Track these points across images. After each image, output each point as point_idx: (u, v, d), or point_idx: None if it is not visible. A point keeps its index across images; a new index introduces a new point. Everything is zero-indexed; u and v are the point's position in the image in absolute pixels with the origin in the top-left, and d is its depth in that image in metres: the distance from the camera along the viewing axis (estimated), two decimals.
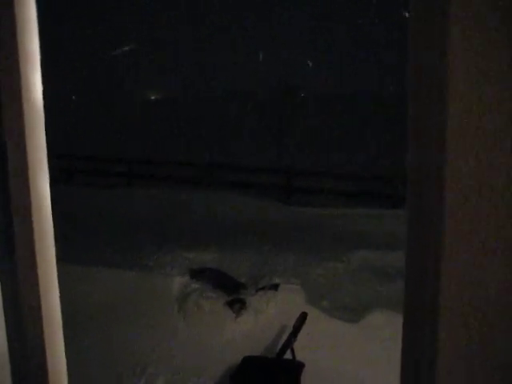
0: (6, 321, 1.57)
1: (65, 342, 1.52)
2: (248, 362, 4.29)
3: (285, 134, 20.02)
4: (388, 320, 4.95)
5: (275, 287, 5.42)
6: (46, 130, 1.39)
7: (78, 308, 5.24)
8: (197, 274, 5.63)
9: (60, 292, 1.49)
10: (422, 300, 1.00)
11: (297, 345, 4.30)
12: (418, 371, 1.04)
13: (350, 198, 11.59)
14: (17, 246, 1.43)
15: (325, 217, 9.13)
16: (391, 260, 6.79)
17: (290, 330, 4.38)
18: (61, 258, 1.52)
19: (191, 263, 6.25)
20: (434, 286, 0.94)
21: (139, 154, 16.66)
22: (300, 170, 13.36)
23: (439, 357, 0.95)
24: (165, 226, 7.91)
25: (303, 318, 4.41)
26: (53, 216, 1.43)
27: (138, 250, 6.59)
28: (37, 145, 1.34)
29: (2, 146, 1.35)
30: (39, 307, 1.44)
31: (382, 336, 4.86)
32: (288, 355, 4.21)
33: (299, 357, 4.33)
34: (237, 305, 5.40)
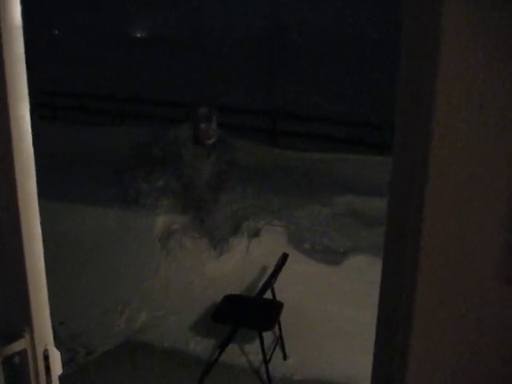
0: None
1: (47, 279, 1.52)
2: (229, 301, 4.37)
3: (274, 77, 19.77)
4: (369, 264, 5.01)
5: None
6: (30, 66, 1.35)
7: (60, 245, 5.25)
8: None
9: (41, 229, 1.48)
10: (403, 246, 1.01)
11: (277, 285, 4.37)
12: (394, 323, 1.06)
13: (337, 144, 11.56)
14: None
15: (311, 161, 9.13)
16: (375, 206, 6.83)
17: (271, 270, 4.45)
18: (42, 195, 1.50)
19: (176, 202, 6.25)
20: (416, 232, 0.94)
21: (126, 93, 16.40)
22: (287, 114, 13.25)
23: (416, 301, 0.96)
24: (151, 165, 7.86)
25: (284, 259, 4.46)
26: (35, 153, 1.41)
27: (123, 189, 6.56)
28: (17, 74, 1.30)
29: None
30: (21, 243, 1.43)
31: (362, 279, 4.93)
32: (268, 295, 4.28)
33: (279, 297, 4.41)
34: (219, 244, 5.46)
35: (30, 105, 1.38)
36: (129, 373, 4.28)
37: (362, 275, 5.00)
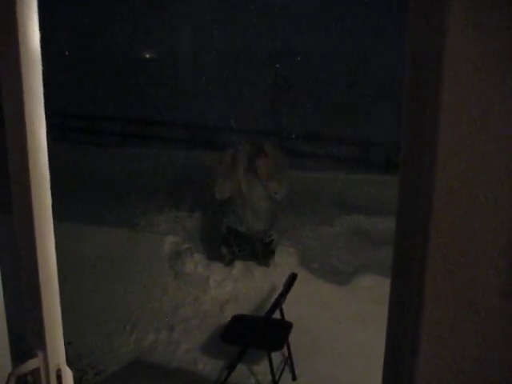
0: (3, 278, 1.59)
1: None
2: (237, 321, 4.36)
3: (278, 97, 19.85)
4: (377, 283, 5.01)
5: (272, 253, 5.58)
6: None
7: (69, 266, 5.28)
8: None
9: None
10: (410, 262, 1.02)
11: (286, 305, 4.36)
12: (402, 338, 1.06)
13: (343, 163, 11.59)
14: (14, 202, 1.44)
15: (317, 181, 9.15)
16: (382, 226, 6.84)
17: (279, 290, 4.44)
18: (54, 216, 1.52)
19: (183, 222, 6.29)
20: (422, 247, 0.95)
21: (133, 114, 16.51)
22: (294, 134, 13.30)
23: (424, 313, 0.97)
24: (159, 186, 7.92)
25: (292, 278, 4.46)
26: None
27: (131, 209, 6.61)
28: (34, 95, 1.33)
29: None
30: (36, 263, 1.45)
31: (370, 298, 4.93)
32: (277, 315, 4.27)
33: (288, 317, 4.40)
34: (227, 257, 5.57)
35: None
36: None
37: (370, 295, 5.00)
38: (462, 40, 0.86)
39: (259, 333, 4.16)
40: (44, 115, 1.39)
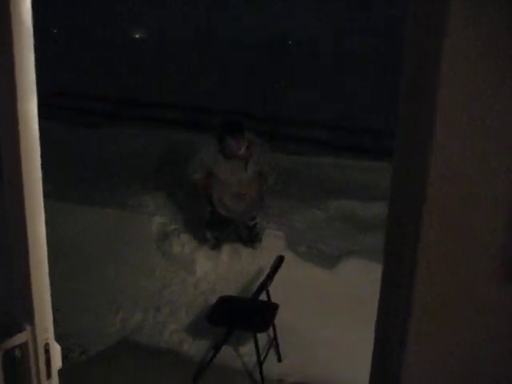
0: None
1: None
2: (224, 302, 4.38)
3: (272, 81, 19.76)
4: (363, 268, 5.04)
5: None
6: None
7: (56, 243, 5.25)
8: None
9: None
10: (402, 250, 1.03)
11: (272, 287, 4.39)
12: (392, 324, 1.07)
13: (333, 148, 11.60)
14: (4, 179, 1.43)
15: (306, 165, 9.16)
16: (371, 211, 6.86)
17: (266, 272, 4.46)
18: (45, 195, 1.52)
19: (171, 203, 6.28)
20: (415, 233, 0.96)
21: (125, 94, 16.38)
22: (285, 117, 13.29)
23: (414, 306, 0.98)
24: (148, 167, 7.89)
25: (279, 261, 4.48)
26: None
27: (121, 189, 6.59)
28: (26, 69, 1.32)
29: None
30: (26, 239, 1.44)
31: (356, 283, 4.96)
32: (263, 297, 4.29)
33: (274, 299, 4.43)
34: (211, 242, 5.53)
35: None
36: (122, 372, 4.28)
37: (357, 279, 5.03)
38: (461, 40, 0.86)
39: (245, 314, 4.18)
40: (35, 90, 1.38)
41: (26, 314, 1.51)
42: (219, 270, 5.31)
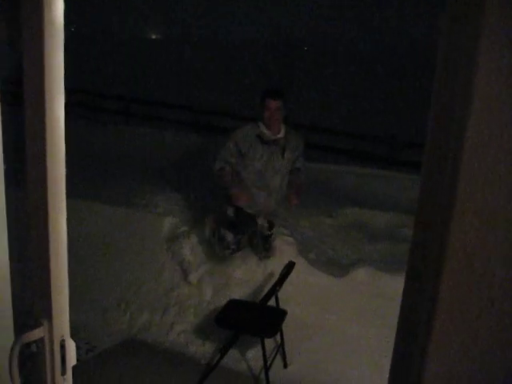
0: (10, 249, 1.60)
1: None
2: (232, 305, 4.39)
3: (284, 86, 19.81)
4: (372, 278, 5.03)
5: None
6: None
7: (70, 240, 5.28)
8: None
9: None
10: (425, 263, 1.02)
11: (282, 293, 4.39)
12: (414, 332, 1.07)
13: (345, 156, 11.61)
14: (28, 177, 1.44)
15: (317, 171, 9.15)
16: (381, 220, 6.86)
17: (276, 277, 4.47)
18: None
19: (183, 204, 6.28)
20: (440, 250, 0.96)
21: (138, 93, 16.48)
22: (297, 124, 13.27)
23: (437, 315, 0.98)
24: (160, 167, 7.92)
25: (289, 267, 4.48)
26: None
27: (133, 188, 6.61)
28: (55, 67, 1.34)
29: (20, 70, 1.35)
30: (47, 237, 1.46)
31: (365, 292, 4.95)
32: (272, 302, 4.30)
33: (283, 305, 4.44)
34: (230, 247, 5.27)
35: None
36: (128, 371, 4.30)
37: (366, 288, 5.02)
38: (497, 41, 0.86)
39: (253, 319, 4.19)
40: (63, 88, 1.40)
41: (44, 310, 1.52)
42: (229, 274, 5.31)
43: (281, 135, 4.90)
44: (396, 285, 4.53)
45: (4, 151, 1.47)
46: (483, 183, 0.90)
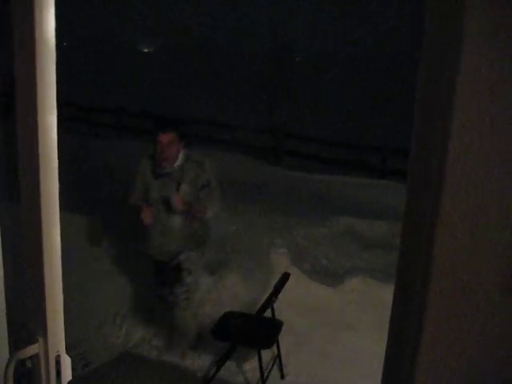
0: (5, 264, 1.61)
1: None
2: (228, 317, 4.38)
3: (277, 94, 19.82)
4: (367, 287, 5.05)
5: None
6: None
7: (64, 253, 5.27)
8: None
9: None
10: (413, 272, 1.03)
11: (277, 304, 4.39)
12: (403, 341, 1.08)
13: (337, 165, 11.65)
14: (22, 191, 1.45)
15: (311, 181, 9.19)
16: (375, 229, 6.89)
17: (271, 288, 4.47)
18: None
19: None
20: (428, 253, 0.97)
21: (129, 106, 16.49)
22: (290, 133, 13.32)
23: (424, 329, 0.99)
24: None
25: (285, 278, 4.48)
26: None
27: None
28: (47, 84, 1.35)
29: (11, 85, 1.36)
30: (41, 252, 1.47)
31: (359, 301, 4.97)
32: (268, 313, 4.30)
33: (279, 316, 4.43)
34: (220, 262, 5.30)
35: None
36: None
37: (360, 297, 5.04)
38: (480, 44, 0.87)
39: (250, 330, 4.18)
40: (55, 104, 1.41)
41: (39, 326, 1.53)
42: (223, 287, 5.30)
43: (176, 166, 4.24)
44: (391, 294, 4.54)
45: None
46: (467, 191, 0.91)
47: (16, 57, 1.35)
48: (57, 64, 1.37)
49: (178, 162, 4.24)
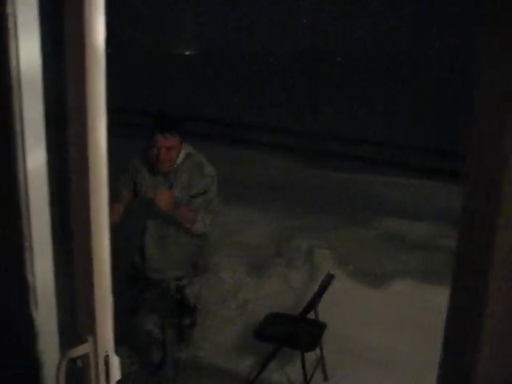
0: (55, 269, 1.63)
1: None
2: (272, 319, 4.37)
3: (319, 97, 19.76)
4: (413, 289, 4.98)
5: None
6: None
7: None
8: None
9: None
10: (471, 276, 1.00)
11: (321, 306, 4.36)
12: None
13: (381, 166, 11.51)
14: (72, 195, 1.47)
15: (355, 183, 9.10)
16: (418, 230, 6.79)
17: (314, 290, 4.44)
18: None
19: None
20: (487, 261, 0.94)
21: (164, 108, 16.54)
22: (331, 134, 13.25)
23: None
24: None
25: (329, 279, 4.44)
26: None
27: None
28: (97, 90, 1.36)
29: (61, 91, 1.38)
30: (91, 256, 1.49)
31: (404, 304, 4.90)
32: (311, 315, 4.27)
33: (322, 317, 4.40)
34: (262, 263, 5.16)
35: None
36: None
37: (405, 300, 4.96)
38: None
39: (293, 332, 4.16)
40: (105, 111, 1.42)
41: (88, 325, 1.54)
42: (266, 288, 5.29)
43: (172, 168, 3.64)
44: (437, 296, 4.46)
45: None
46: None
47: (66, 64, 1.36)
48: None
49: (176, 163, 3.62)
